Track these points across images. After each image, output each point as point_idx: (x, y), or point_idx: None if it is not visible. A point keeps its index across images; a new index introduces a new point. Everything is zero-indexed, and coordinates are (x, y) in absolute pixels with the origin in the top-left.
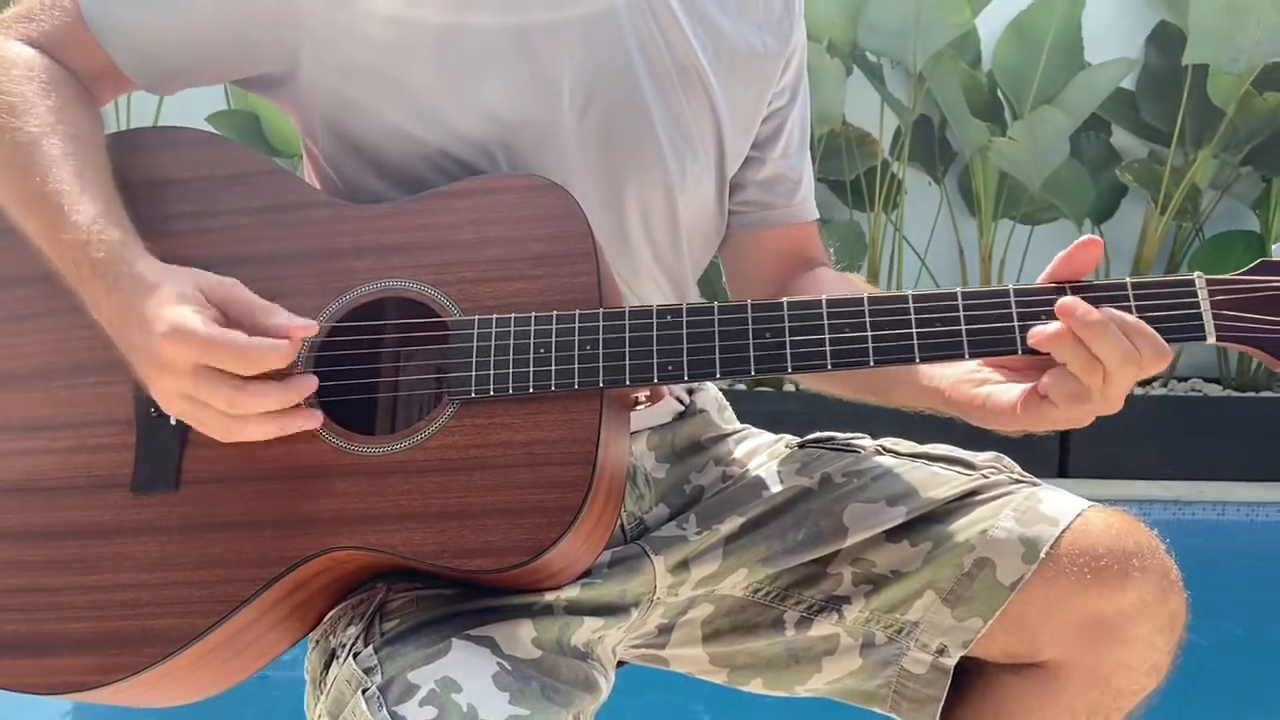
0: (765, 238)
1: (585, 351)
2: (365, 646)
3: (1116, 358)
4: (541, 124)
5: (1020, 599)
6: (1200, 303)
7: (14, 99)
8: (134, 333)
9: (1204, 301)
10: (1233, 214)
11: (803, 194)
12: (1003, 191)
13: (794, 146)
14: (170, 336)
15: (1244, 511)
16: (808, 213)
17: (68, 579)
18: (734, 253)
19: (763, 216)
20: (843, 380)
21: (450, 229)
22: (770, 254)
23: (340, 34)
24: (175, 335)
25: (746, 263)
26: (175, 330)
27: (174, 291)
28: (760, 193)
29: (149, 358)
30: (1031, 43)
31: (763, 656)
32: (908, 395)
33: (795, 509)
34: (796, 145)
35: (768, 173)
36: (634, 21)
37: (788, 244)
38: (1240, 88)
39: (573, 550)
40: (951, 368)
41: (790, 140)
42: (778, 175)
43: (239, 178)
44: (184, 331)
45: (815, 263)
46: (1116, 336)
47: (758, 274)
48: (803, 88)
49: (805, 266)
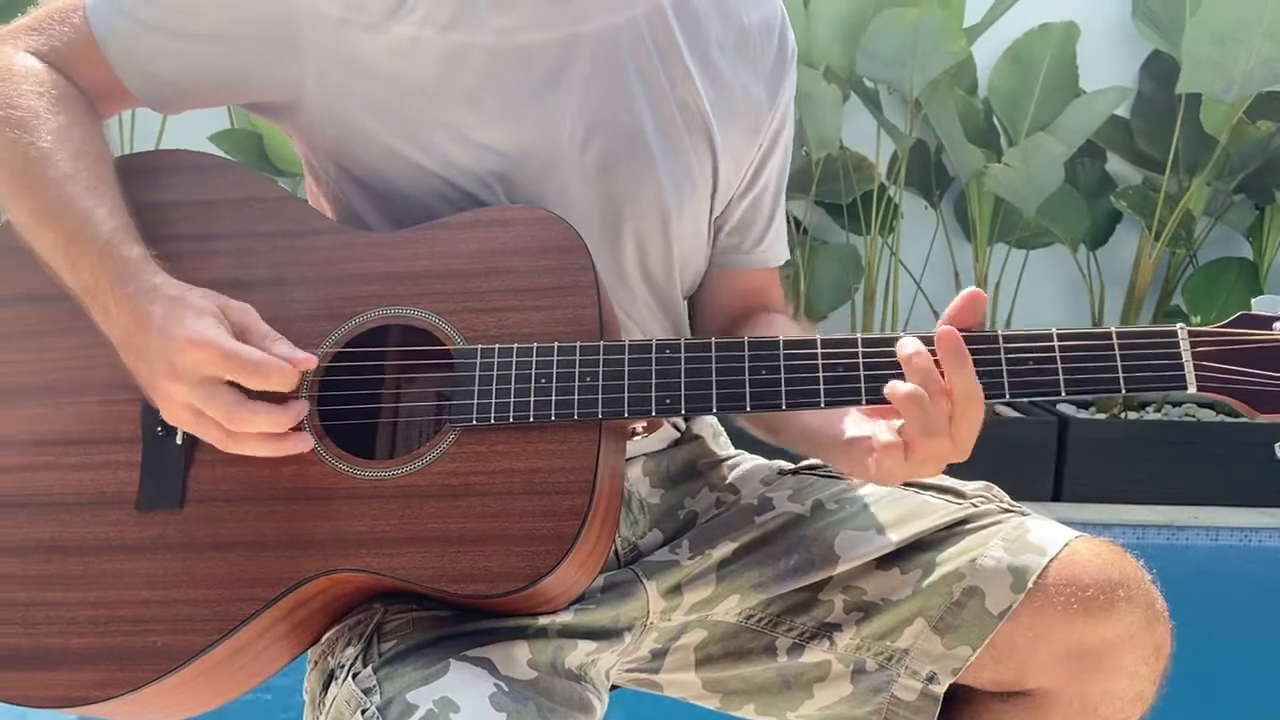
0: (728, 279)
1: (585, 383)
2: (364, 667)
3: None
4: (543, 156)
5: (1008, 628)
6: (1182, 354)
7: (25, 114)
8: (151, 338)
9: (1185, 352)
10: (1226, 241)
11: (770, 239)
12: (998, 216)
13: (769, 194)
14: (194, 342)
15: (1238, 536)
16: (773, 258)
17: (70, 594)
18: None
19: (729, 260)
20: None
21: (456, 259)
22: (728, 295)
23: (344, 66)
24: (198, 342)
25: (704, 300)
26: (199, 336)
27: (196, 304)
28: (730, 236)
29: (163, 363)
30: (1027, 70)
31: (755, 682)
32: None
33: (787, 535)
34: (772, 193)
35: (741, 218)
36: (635, 53)
37: (748, 286)
38: (1233, 116)
39: (568, 577)
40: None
41: (767, 187)
42: (750, 221)
43: (247, 202)
44: (207, 340)
45: (773, 308)
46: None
47: (710, 313)
48: (785, 135)
49: (762, 310)
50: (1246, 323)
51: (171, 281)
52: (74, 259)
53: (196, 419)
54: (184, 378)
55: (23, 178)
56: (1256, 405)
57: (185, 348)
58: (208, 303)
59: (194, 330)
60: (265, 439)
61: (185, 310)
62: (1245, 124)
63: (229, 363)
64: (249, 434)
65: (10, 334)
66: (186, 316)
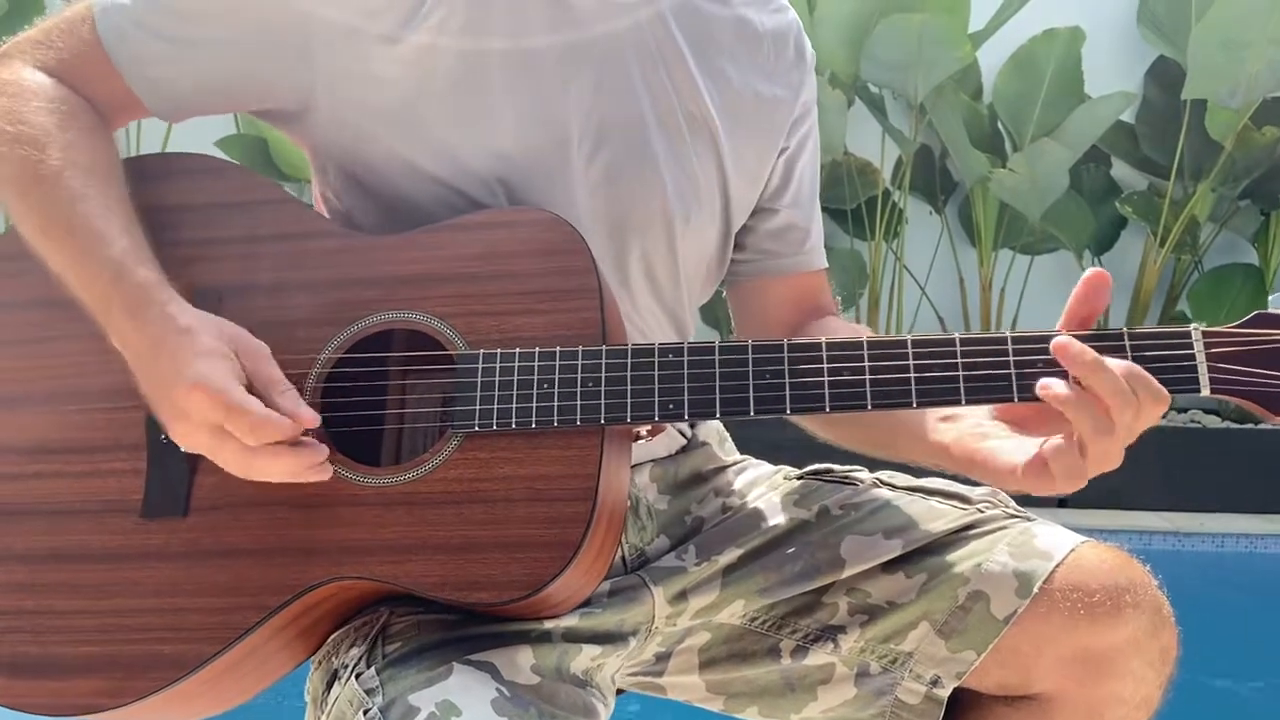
0: (774, 286)
1: (588, 388)
2: (368, 668)
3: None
4: (551, 164)
5: (1014, 633)
6: (1196, 355)
7: (35, 130)
8: (163, 371)
9: (1200, 354)
10: (1231, 247)
11: (812, 243)
12: (1003, 222)
13: (804, 196)
14: (197, 387)
15: (1243, 543)
16: (816, 261)
17: (77, 602)
18: (743, 300)
19: (772, 265)
20: (850, 430)
21: (458, 262)
22: (778, 302)
23: (354, 73)
24: (201, 388)
25: (755, 310)
26: (202, 382)
27: (207, 341)
28: (770, 241)
29: (169, 403)
30: (1032, 76)
31: (759, 685)
32: (914, 450)
33: (793, 540)
34: (807, 194)
35: (778, 222)
36: (642, 64)
37: (796, 292)
38: (1238, 122)
39: (573, 583)
40: (956, 423)
41: (800, 189)
42: (788, 224)
43: (250, 205)
44: (210, 388)
45: (824, 311)
46: (1113, 377)
47: (766, 321)
48: (813, 137)
49: (814, 315)
50: (1262, 322)
51: (185, 310)
52: (86, 281)
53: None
54: (191, 419)
55: (33, 196)
56: (1272, 408)
57: (190, 392)
58: (219, 343)
59: (200, 374)
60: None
61: (195, 348)
62: (1250, 129)
63: (230, 416)
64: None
65: (16, 340)
66: (196, 356)
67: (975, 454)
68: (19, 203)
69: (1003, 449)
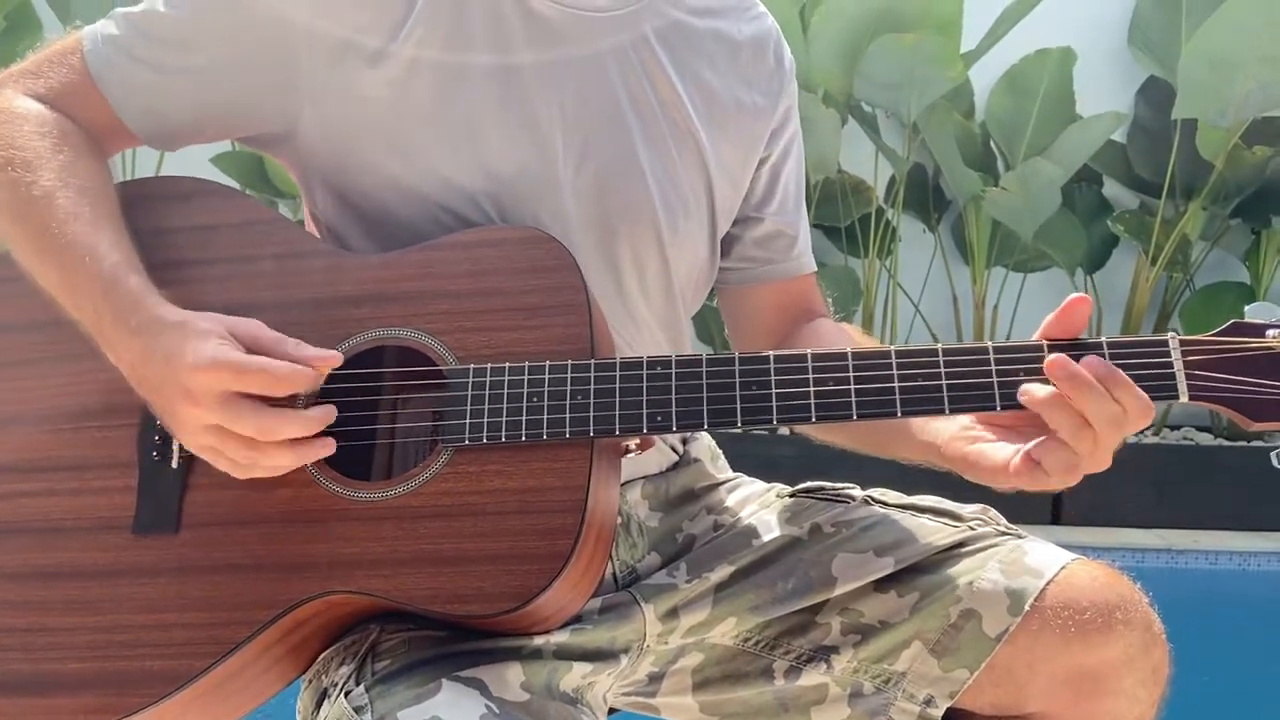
0: (764, 292)
1: (576, 401)
2: (357, 685)
3: (1103, 418)
4: (537, 179)
5: (1006, 651)
6: (1174, 363)
7: (27, 154)
8: (159, 369)
9: (1177, 362)
10: (1223, 265)
11: (799, 248)
12: (996, 240)
13: (790, 203)
14: (202, 366)
15: (1237, 560)
16: (805, 266)
17: (68, 619)
18: (734, 307)
19: (761, 272)
20: (841, 431)
21: (448, 279)
22: (770, 307)
23: (338, 95)
24: (207, 364)
25: (747, 317)
26: (206, 358)
27: (199, 327)
28: (758, 249)
29: (176, 392)
30: (1024, 95)
31: (752, 705)
32: (906, 449)
33: (785, 558)
34: (793, 201)
35: (765, 230)
36: (624, 76)
37: (787, 297)
38: (1229, 141)
39: (562, 596)
40: (946, 423)
41: (786, 197)
42: (775, 231)
43: (241, 226)
44: (216, 359)
45: (815, 314)
46: (1100, 394)
47: (758, 327)
48: (796, 144)
49: (805, 318)
50: (1239, 331)
51: (174, 310)
52: (78, 299)
53: (221, 442)
54: (203, 401)
55: (26, 218)
56: (1250, 414)
57: (196, 372)
58: (212, 325)
59: (202, 353)
60: (292, 449)
61: (190, 336)
62: (1241, 149)
63: (245, 376)
64: (274, 446)
65: (9, 362)
66: (192, 342)
67: (968, 454)
68: (12, 226)
69: (994, 447)
